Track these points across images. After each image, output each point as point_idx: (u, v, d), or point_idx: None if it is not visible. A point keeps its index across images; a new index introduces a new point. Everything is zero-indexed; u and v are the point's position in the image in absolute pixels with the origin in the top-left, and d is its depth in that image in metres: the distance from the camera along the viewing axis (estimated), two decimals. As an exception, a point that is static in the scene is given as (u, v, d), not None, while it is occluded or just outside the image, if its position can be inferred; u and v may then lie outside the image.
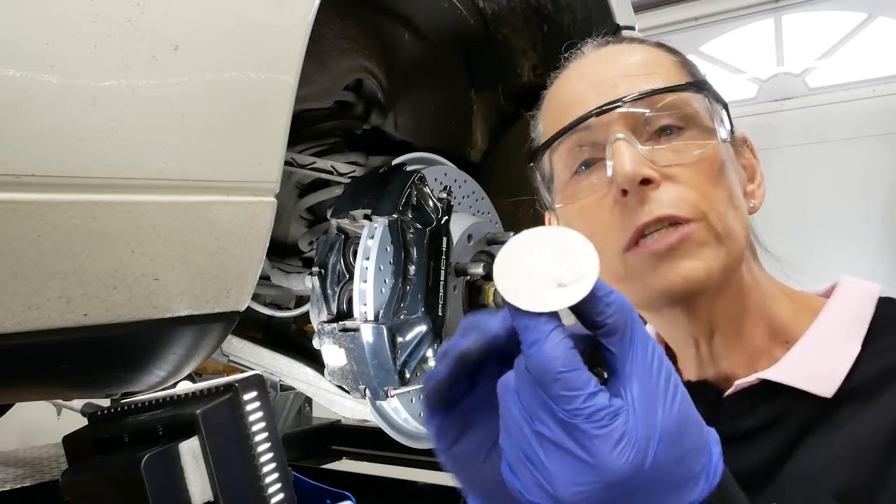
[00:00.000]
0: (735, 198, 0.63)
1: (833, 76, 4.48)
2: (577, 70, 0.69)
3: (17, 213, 0.70)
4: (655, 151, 0.61)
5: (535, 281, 0.41)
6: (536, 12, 1.69)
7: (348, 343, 1.36)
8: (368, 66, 1.56)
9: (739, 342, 0.65)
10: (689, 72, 0.68)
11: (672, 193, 0.60)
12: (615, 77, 0.65)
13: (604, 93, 0.64)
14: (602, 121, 0.63)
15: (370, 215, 1.35)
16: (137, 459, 0.91)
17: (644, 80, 0.64)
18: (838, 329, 0.63)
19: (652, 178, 0.60)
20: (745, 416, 0.63)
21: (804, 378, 0.60)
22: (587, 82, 0.66)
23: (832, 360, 0.61)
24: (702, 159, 0.61)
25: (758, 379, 0.62)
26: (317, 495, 1.45)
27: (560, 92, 0.70)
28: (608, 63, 0.68)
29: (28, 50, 0.69)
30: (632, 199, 0.60)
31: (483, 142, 1.91)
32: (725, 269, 0.61)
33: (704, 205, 0.60)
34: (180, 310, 0.86)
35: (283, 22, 0.91)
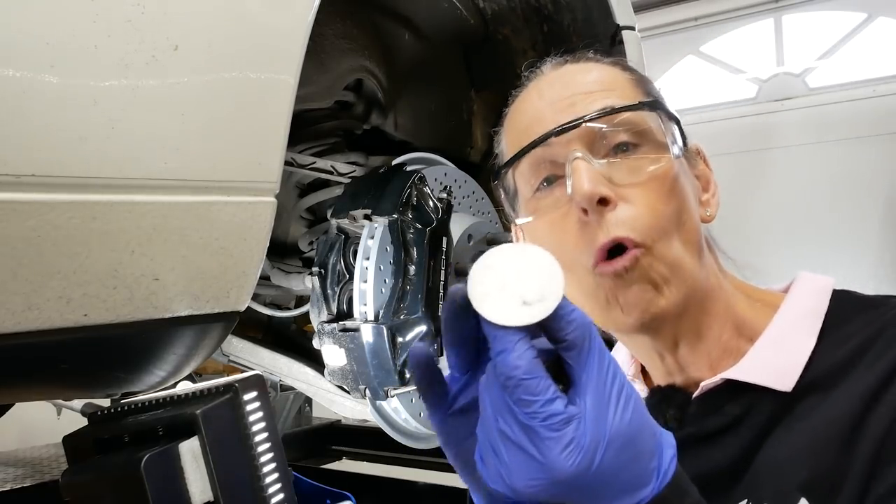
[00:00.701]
0: (685, 213, 0.66)
1: (833, 76, 4.48)
2: (536, 89, 0.72)
3: (17, 213, 0.70)
4: (612, 167, 0.64)
5: (505, 295, 0.45)
6: (536, 12, 1.69)
7: (348, 343, 1.36)
8: (368, 66, 1.56)
9: (705, 347, 0.68)
10: (644, 89, 0.70)
11: (626, 214, 0.63)
12: (572, 95, 0.68)
13: (561, 111, 0.67)
14: (560, 139, 0.65)
15: (370, 215, 1.35)
16: (137, 459, 0.90)
17: (600, 97, 0.67)
18: (794, 324, 0.65)
19: (608, 197, 0.62)
20: (713, 416, 0.65)
21: (764, 375, 0.63)
22: (545, 101, 0.69)
23: (790, 355, 0.63)
24: (654, 177, 0.64)
25: (722, 379, 0.65)
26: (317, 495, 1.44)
27: (520, 110, 0.72)
28: (565, 82, 0.70)
29: (28, 50, 0.69)
30: (591, 217, 0.63)
31: (483, 142, 1.91)
32: (682, 299, 0.64)
33: (653, 230, 0.63)
34: (180, 310, 0.86)
35: (283, 22, 0.91)
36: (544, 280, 0.45)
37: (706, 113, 4.70)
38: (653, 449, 0.47)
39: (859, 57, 4.43)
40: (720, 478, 0.63)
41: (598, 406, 0.45)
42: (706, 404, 0.66)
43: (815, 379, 0.62)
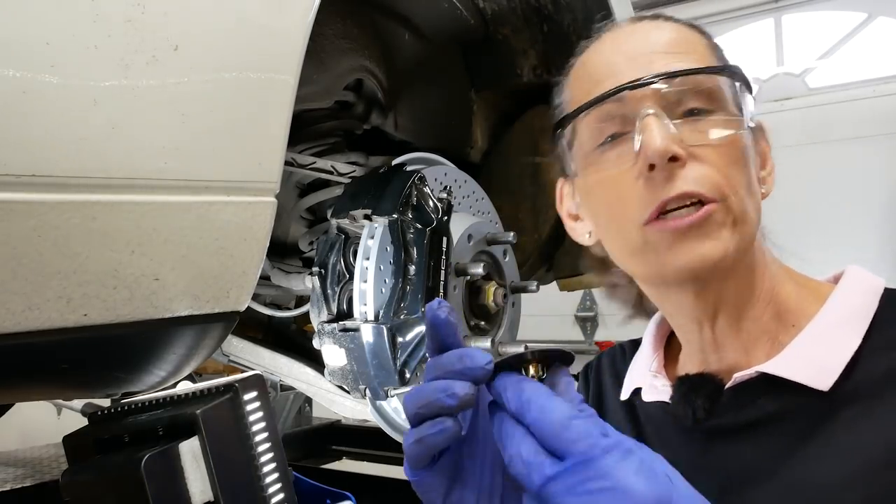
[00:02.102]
0: (753, 183, 0.64)
1: (833, 76, 4.48)
2: (613, 41, 0.69)
3: (17, 213, 0.70)
4: (684, 129, 0.62)
5: None
6: (536, 12, 1.69)
7: (348, 343, 1.36)
8: (368, 66, 1.56)
9: (745, 326, 0.66)
10: (719, 55, 0.68)
11: (697, 172, 0.61)
12: (650, 52, 0.65)
13: (639, 67, 0.64)
14: (635, 95, 0.63)
15: (370, 215, 1.35)
16: (137, 459, 0.90)
17: (679, 58, 0.64)
18: (839, 323, 0.63)
19: (680, 155, 0.60)
20: (746, 409, 0.63)
21: (802, 371, 0.61)
22: (622, 55, 0.67)
23: (831, 353, 0.61)
24: (727, 142, 0.62)
25: (757, 371, 0.63)
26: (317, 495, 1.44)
27: (593, 61, 0.70)
28: (644, 38, 0.68)
29: (28, 50, 0.69)
30: (658, 174, 0.61)
31: (483, 142, 1.91)
32: (739, 251, 0.62)
33: (727, 187, 0.61)
34: (180, 310, 0.86)
35: (283, 22, 0.91)
36: None
37: (706, 113, 4.69)
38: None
39: (859, 57, 4.42)
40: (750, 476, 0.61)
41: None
42: (739, 396, 0.64)
43: (859, 385, 0.59)
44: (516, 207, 1.81)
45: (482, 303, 1.51)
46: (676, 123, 0.62)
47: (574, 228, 0.75)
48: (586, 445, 0.44)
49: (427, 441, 0.49)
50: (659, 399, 0.71)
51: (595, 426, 0.45)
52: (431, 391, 0.48)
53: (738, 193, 0.62)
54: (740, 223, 0.62)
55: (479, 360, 0.48)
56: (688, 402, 0.66)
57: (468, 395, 0.48)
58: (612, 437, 0.44)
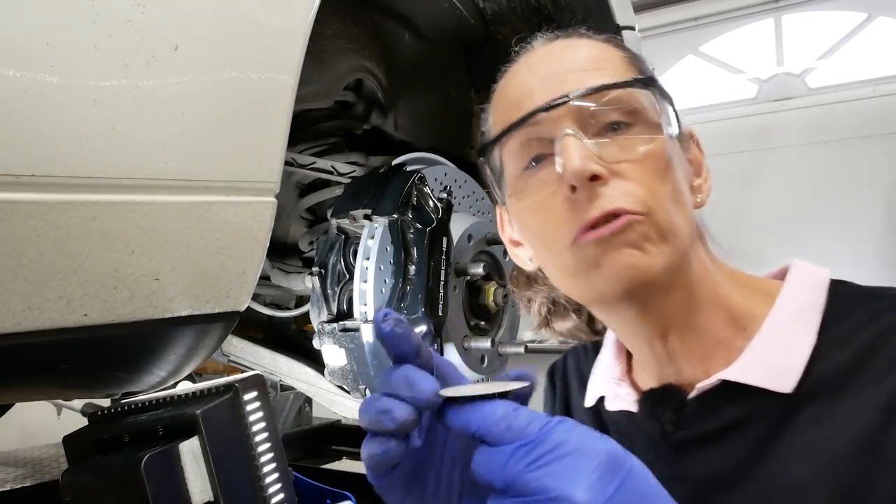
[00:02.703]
0: (680, 194, 0.63)
1: (833, 76, 4.48)
2: (526, 64, 0.69)
3: (17, 213, 0.70)
4: (603, 147, 0.62)
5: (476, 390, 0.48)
6: (536, 12, 1.69)
7: (348, 343, 1.36)
8: (368, 66, 1.56)
9: (696, 337, 0.65)
10: (638, 67, 0.68)
11: (620, 189, 0.60)
12: (563, 72, 0.65)
13: (552, 87, 0.64)
14: (550, 116, 0.63)
15: (370, 215, 1.35)
16: (137, 459, 0.90)
17: (592, 75, 0.64)
18: (792, 321, 0.63)
19: (600, 174, 0.60)
20: (711, 418, 0.63)
21: (762, 376, 0.60)
22: (536, 77, 0.66)
23: (789, 354, 0.61)
24: (648, 155, 0.62)
25: (718, 380, 0.62)
26: (317, 495, 1.44)
27: (509, 86, 0.70)
28: (556, 58, 0.67)
29: (28, 50, 0.69)
30: (581, 194, 0.60)
31: (483, 142, 1.91)
32: (669, 265, 0.61)
33: (651, 201, 0.60)
34: (180, 310, 0.86)
35: (283, 22, 0.91)
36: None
37: (706, 113, 4.70)
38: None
39: (859, 57, 4.42)
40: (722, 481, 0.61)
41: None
42: (703, 406, 0.64)
43: (820, 381, 0.59)
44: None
45: (482, 303, 1.51)
46: (596, 141, 0.62)
47: (517, 255, 0.75)
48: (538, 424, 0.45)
49: (374, 459, 0.50)
50: (623, 408, 0.71)
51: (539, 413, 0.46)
52: (374, 411, 0.49)
53: (664, 206, 0.61)
54: (668, 235, 0.61)
55: (425, 390, 0.48)
56: (655, 417, 0.66)
57: (407, 420, 0.48)
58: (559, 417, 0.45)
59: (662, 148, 0.63)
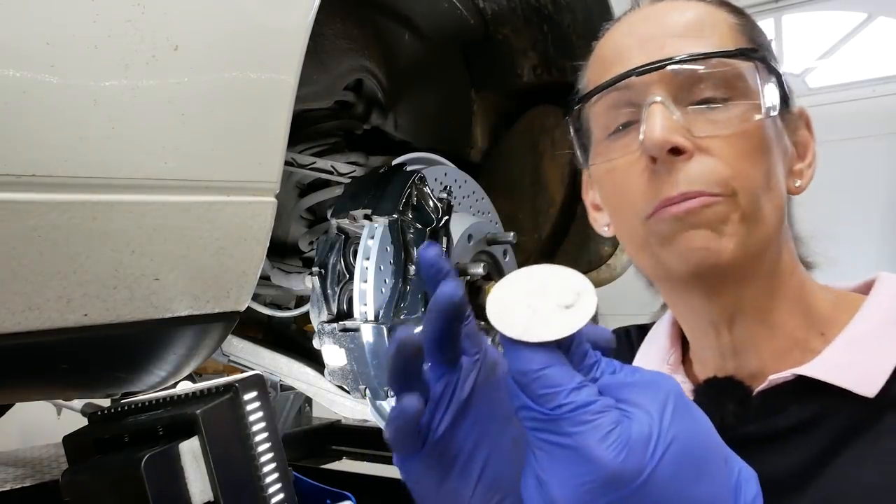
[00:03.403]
0: (773, 178, 0.59)
1: (833, 76, 4.48)
2: (628, 23, 0.65)
3: (17, 213, 0.70)
4: (692, 120, 0.58)
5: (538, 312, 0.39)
6: (536, 12, 1.69)
7: (348, 343, 1.36)
8: (368, 66, 1.56)
9: (769, 332, 0.61)
10: (749, 36, 0.63)
11: (703, 167, 0.57)
12: (663, 36, 0.61)
13: (649, 51, 0.60)
14: (643, 81, 0.59)
15: (370, 215, 1.35)
16: (137, 459, 0.91)
17: (694, 42, 0.60)
18: (879, 327, 0.59)
19: (683, 147, 0.56)
20: (779, 415, 0.58)
21: (846, 376, 0.56)
22: (634, 38, 0.63)
23: (876, 358, 0.57)
24: (741, 133, 0.57)
25: (793, 375, 0.58)
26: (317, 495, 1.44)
27: (606, 45, 0.66)
28: (659, 20, 0.63)
29: (28, 50, 0.69)
30: (661, 167, 0.57)
31: (483, 142, 1.91)
32: (746, 251, 0.57)
33: (736, 182, 0.57)
34: (180, 310, 0.86)
35: (283, 22, 0.91)
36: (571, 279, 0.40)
37: (706, 113, 4.69)
38: (724, 473, 0.39)
39: (859, 57, 4.42)
40: (782, 483, 0.56)
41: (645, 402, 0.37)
42: (771, 401, 0.59)
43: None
44: (516, 207, 1.81)
45: (482, 303, 1.51)
46: (687, 111, 0.58)
47: (596, 219, 0.71)
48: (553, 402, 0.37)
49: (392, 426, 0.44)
50: None
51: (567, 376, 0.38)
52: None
53: (751, 189, 0.57)
54: (750, 221, 0.57)
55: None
56: (717, 407, 0.60)
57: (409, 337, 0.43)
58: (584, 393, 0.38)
59: (758, 127, 0.58)
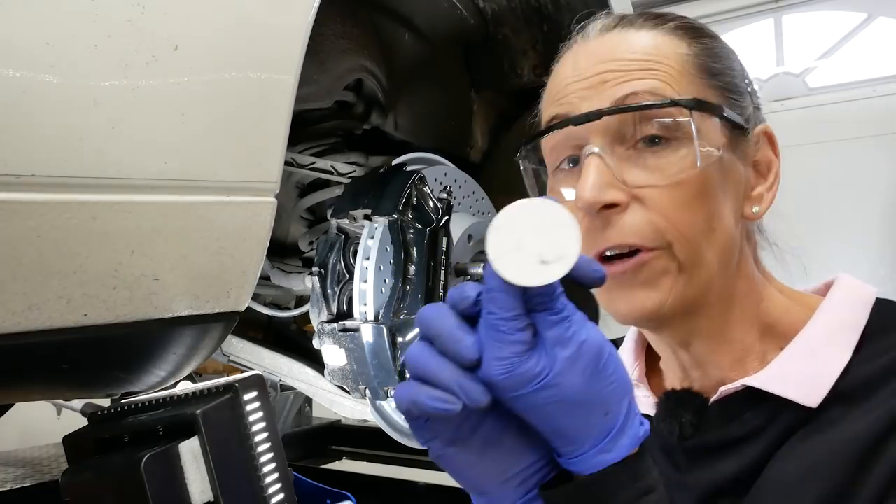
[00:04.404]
0: (715, 220, 0.59)
1: (833, 76, 4.48)
2: (574, 57, 0.65)
3: (17, 213, 0.70)
4: (629, 167, 0.59)
5: (522, 255, 0.44)
6: (536, 12, 1.69)
7: (348, 343, 1.36)
8: (368, 66, 1.56)
9: (727, 347, 0.64)
10: (702, 66, 0.62)
11: (637, 219, 0.58)
12: (607, 71, 0.61)
13: (590, 87, 0.61)
14: (580, 127, 0.60)
15: (370, 215, 1.35)
16: (137, 459, 0.91)
17: (636, 81, 0.59)
18: (830, 335, 0.60)
19: (617, 201, 0.58)
20: (733, 424, 0.61)
21: (789, 386, 0.59)
22: (579, 72, 0.63)
23: (820, 368, 0.59)
24: (679, 182, 0.58)
25: (742, 385, 0.61)
26: (317, 495, 1.44)
27: (556, 77, 0.67)
28: (604, 52, 0.62)
29: (28, 50, 0.69)
30: (595, 220, 0.59)
31: (483, 142, 1.91)
32: (684, 299, 0.59)
33: (671, 234, 0.58)
34: (180, 310, 0.86)
35: (283, 22, 0.91)
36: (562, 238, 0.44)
37: (706, 113, 4.69)
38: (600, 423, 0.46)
39: (859, 57, 4.42)
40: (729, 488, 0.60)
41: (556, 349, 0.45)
42: (725, 411, 0.62)
43: (841, 392, 0.57)
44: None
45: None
46: (626, 155, 0.59)
47: None
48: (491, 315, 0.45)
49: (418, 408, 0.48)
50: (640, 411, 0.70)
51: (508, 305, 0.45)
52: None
53: (688, 238, 0.58)
54: (689, 269, 0.58)
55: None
56: (674, 418, 0.64)
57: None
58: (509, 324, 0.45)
59: (698, 174, 0.58)
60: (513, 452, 0.49)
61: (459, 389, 0.45)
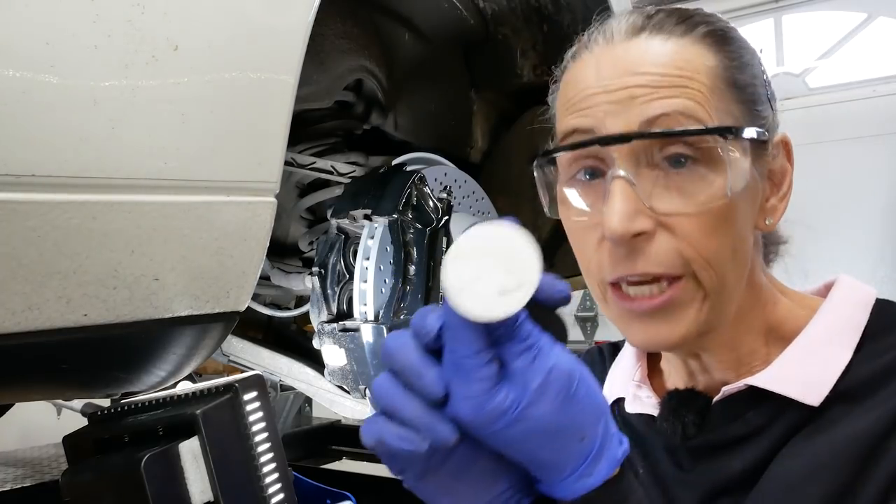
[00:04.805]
0: (739, 242, 0.59)
1: (833, 76, 4.48)
2: (598, 62, 0.61)
3: (17, 213, 0.70)
4: (656, 192, 0.57)
5: (480, 286, 0.43)
6: (536, 12, 1.69)
7: (348, 343, 1.36)
8: (368, 66, 1.56)
9: (734, 353, 0.64)
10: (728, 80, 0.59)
11: (664, 247, 0.56)
12: (636, 86, 0.58)
13: (616, 101, 0.58)
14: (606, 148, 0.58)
15: (370, 215, 1.35)
16: (137, 459, 0.91)
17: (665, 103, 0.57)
18: (831, 335, 0.61)
19: (644, 231, 0.56)
20: (735, 423, 0.62)
21: (791, 385, 0.59)
22: (604, 83, 0.59)
23: (822, 367, 0.59)
24: (707, 210, 0.56)
25: (745, 385, 0.61)
26: (317, 495, 1.44)
27: (575, 80, 0.63)
28: (630, 66, 0.59)
29: (28, 50, 0.69)
30: (620, 248, 0.57)
31: (483, 142, 1.91)
32: (707, 325, 0.59)
33: (698, 262, 0.57)
34: (180, 310, 0.86)
35: (283, 22, 0.91)
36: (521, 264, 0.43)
37: (706, 113, 4.69)
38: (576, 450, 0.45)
39: (859, 57, 4.43)
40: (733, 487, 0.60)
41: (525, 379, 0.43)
42: (727, 410, 0.62)
43: (844, 391, 0.58)
44: (516, 207, 1.81)
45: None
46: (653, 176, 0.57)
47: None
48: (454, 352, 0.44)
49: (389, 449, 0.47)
50: (643, 411, 0.70)
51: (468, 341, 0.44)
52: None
53: (714, 265, 0.57)
54: (714, 295, 0.58)
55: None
56: (677, 418, 0.64)
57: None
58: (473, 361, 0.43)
59: (727, 202, 0.57)
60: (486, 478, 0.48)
61: (425, 429, 0.44)
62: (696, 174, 0.57)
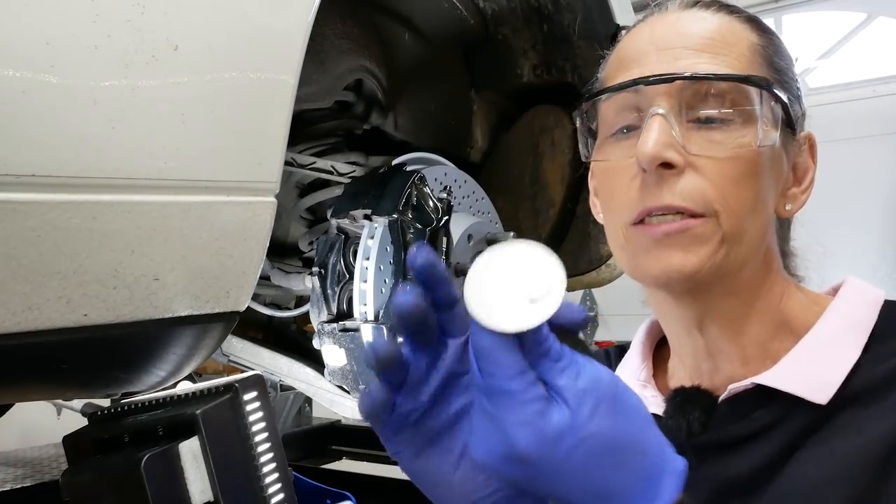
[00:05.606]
0: (760, 202, 0.61)
1: (833, 76, 4.48)
2: (651, 27, 0.66)
3: (17, 213, 0.70)
4: (690, 136, 0.60)
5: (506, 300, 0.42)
6: (536, 12, 1.69)
7: (348, 343, 1.36)
8: (368, 66, 1.56)
9: (741, 341, 0.64)
10: (767, 59, 0.64)
11: (691, 184, 0.59)
12: (681, 48, 0.62)
13: (665, 61, 0.62)
14: (651, 90, 0.61)
15: (370, 215, 1.35)
16: (137, 459, 0.91)
17: (709, 59, 0.61)
18: (838, 335, 0.61)
19: (674, 162, 0.58)
20: (741, 422, 0.62)
21: (799, 384, 0.59)
22: (654, 44, 0.64)
23: (830, 366, 0.59)
24: (735, 158, 0.59)
25: (752, 383, 0.61)
26: (317, 495, 1.44)
27: (627, 45, 0.68)
28: (681, 30, 0.64)
29: (28, 50, 0.69)
30: (649, 178, 0.59)
31: (483, 142, 1.91)
32: (719, 269, 0.60)
33: (720, 203, 0.59)
34: (180, 310, 0.86)
35: (283, 22, 0.91)
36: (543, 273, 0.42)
37: (706, 113, 4.70)
38: (640, 467, 0.44)
39: (859, 57, 4.43)
40: (741, 486, 0.60)
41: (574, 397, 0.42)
42: (734, 409, 0.62)
43: (855, 393, 0.58)
44: (516, 207, 1.81)
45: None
46: (688, 126, 0.60)
47: (594, 204, 0.74)
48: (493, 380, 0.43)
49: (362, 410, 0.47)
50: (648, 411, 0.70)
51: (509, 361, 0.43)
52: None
53: (735, 212, 0.59)
54: (731, 242, 0.59)
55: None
56: (683, 415, 0.64)
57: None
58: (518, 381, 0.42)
59: (754, 154, 0.60)
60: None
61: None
62: (728, 129, 0.60)
